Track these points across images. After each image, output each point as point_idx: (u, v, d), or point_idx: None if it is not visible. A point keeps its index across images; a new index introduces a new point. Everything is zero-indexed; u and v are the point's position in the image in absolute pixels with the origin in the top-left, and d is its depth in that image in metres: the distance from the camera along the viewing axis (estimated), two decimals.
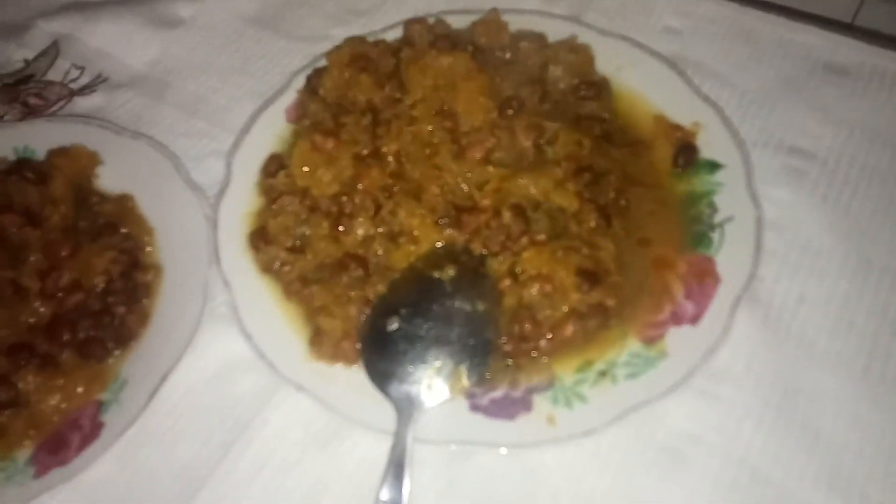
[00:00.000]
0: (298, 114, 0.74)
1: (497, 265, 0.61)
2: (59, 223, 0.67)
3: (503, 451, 0.56)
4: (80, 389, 0.60)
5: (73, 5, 0.92)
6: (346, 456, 0.59)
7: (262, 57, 0.86)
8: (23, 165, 0.69)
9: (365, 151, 0.67)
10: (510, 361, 0.59)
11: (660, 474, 0.56)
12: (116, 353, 0.62)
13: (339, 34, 0.85)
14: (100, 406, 0.59)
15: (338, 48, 0.73)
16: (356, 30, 0.84)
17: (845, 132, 0.73)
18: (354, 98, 0.70)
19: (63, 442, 0.58)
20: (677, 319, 0.60)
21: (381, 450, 0.57)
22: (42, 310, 0.63)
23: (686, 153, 0.69)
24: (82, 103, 0.83)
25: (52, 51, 0.88)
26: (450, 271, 0.61)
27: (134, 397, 0.59)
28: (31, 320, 0.63)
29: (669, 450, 0.57)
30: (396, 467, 0.53)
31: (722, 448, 0.57)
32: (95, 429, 0.58)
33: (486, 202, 0.63)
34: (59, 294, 0.63)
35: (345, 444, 0.59)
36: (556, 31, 0.77)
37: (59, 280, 0.63)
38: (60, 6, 0.92)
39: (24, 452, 0.58)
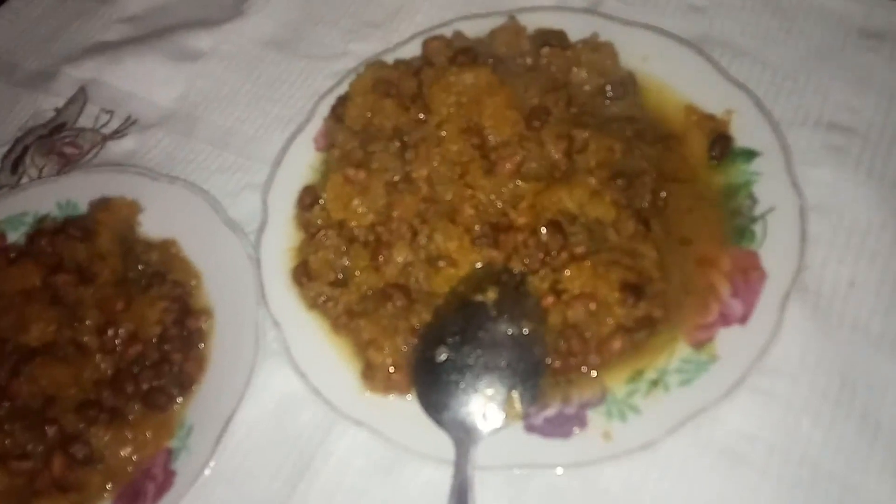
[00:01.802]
0: (327, 142, 0.74)
1: (538, 282, 0.61)
2: (110, 277, 0.69)
3: (559, 471, 0.56)
4: (149, 438, 0.62)
5: (96, 48, 0.93)
6: (410, 481, 0.60)
7: (284, 81, 0.86)
8: (68, 224, 0.72)
9: (396, 178, 0.67)
10: (560, 378, 0.59)
11: (720, 478, 0.57)
12: (179, 399, 0.64)
13: (358, 49, 0.85)
14: (170, 454, 0.62)
15: (359, 76, 0.73)
16: (374, 43, 0.85)
17: (885, 101, 0.70)
18: (380, 124, 0.70)
19: (139, 492, 0.61)
20: (726, 320, 0.60)
21: (444, 472, 0.58)
22: (103, 365, 0.65)
23: (720, 144, 0.67)
24: (115, 148, 0.85)
25: (81, 97, 0.90)
26: (492, 294, 0.61)
27: (202, 442, 0.62)
28: (95, 377, 0.65)
29: (728, 452, 0.57)
30: (460, 498, 0.54)
31: (781, 446, 0.57)
32: (168, 477, 0.61)
33: (522, 220, 0.63)
34: (119, 348, 0.65)
35: (408, 470, 0.60)
36: (575, 25, 0.76)
37: (117, 334, 0.66)
38: (83, 50, 0.94)
39: None
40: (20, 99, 0.92)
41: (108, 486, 0.61)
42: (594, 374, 0.59)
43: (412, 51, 0.78)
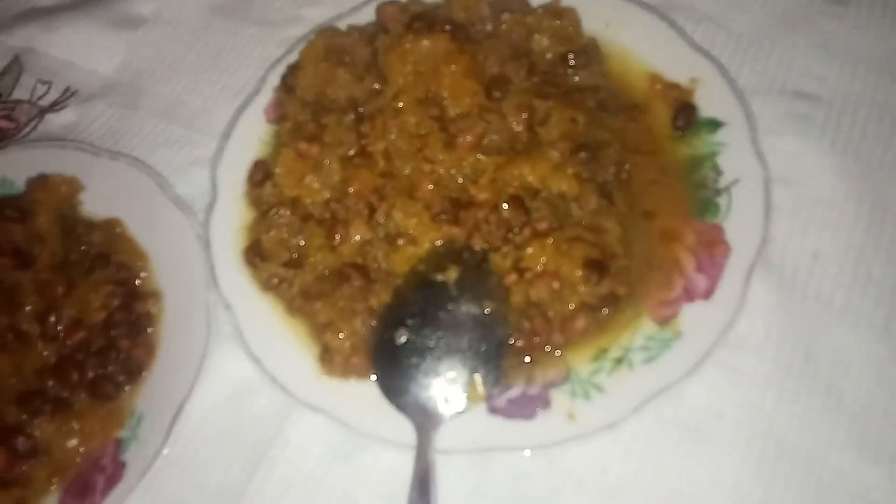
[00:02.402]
0: (278, 114, 0.71)
1: (500, 260, 0.59)
2: (49, 261, 0.65)
3: (526, 453, 0.55)
4: (96, 429, 0.60)
5: (29, 15, 0.88)
6: (371, 467, 0.59)
7: (233, 49, 0.82)
8: (3, 204, 0.67)
9: (352, 152, 0.64)
10: (523, 358, 0.58)
11: (685, 455, 0.56)
12: (127, 388, 0.62)
13: (310, 14, 0.82)
14: (119, 444, 0.59)
15: (310, 43, 0.69)
16: (327, 8, 0.81)
17: (849, 69, 0.70)
18: (334, 94, 0.67)
19: (88, 485, 0.58)
20: (690, 295, 0.59)
21: (405, 457, 0.56)
22: (46, 353, 0.62)
23: (685, 113, 0.66)
24: (54, 121, 0.81)
25: (15, 67, 0.85)
26: (452, 273, 0.59)
27: (152, 431, 0.59)
28: (37, 365, 0.62)
29: (693, 429, 0.57)
30: (421, 484, 0.52)
31: (746, 421, 0.57)
32: (118, 468, 0.58)
33: (483, 195, 0.60)
34: (61, 335, 0.62)
35: (368, 456, 0.59)
36: None
37: (59, 320, 0.62)
38: (15, 16, 0.88)
39: (51, 500, 0.58)
40: None
41: (55, 480, 0.59)
42: (558, 353, 0.58)
43: (367, 16, 0.75)
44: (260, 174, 0.68)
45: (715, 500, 0.55)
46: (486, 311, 0.57)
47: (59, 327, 0.62)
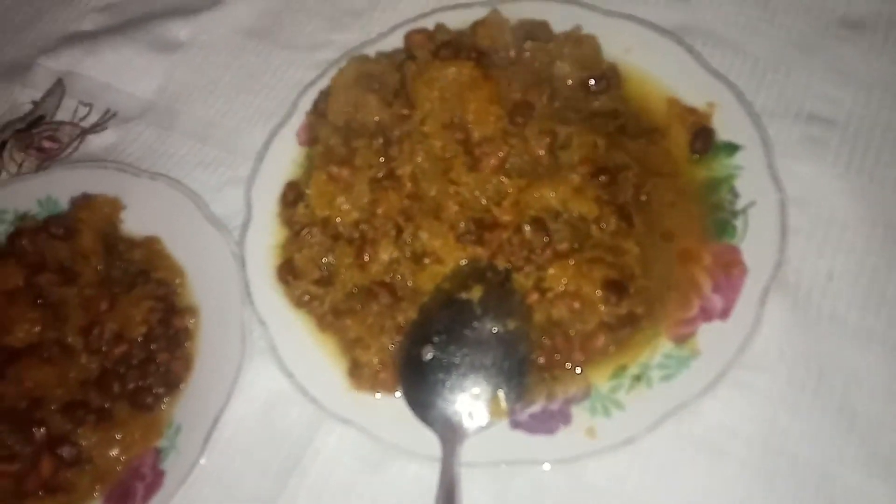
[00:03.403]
0: (310, 137, 0.74)
1: (523, 280, 0.62)
2: (93, 277, 0.68)
3: (546, 467, 0.57)
4: (137, 438, 0.63)
5: (72, 39, 0.92)
6: (398, 477, 0.61)
7: (265, 71, 0.85)
8: (49, 222, 0.71)
9: (380, 174, 0.67)
10: (545, 374, 0.60)
11: (701, 469, 0.58)
12: (166, 399, 0.65)
13: (339, 39, 0.84)
14: (159, 453, 0.62)
15: (341, 70, 0.72)
16: (355, 33, 0.84)
17: (864, 93, 0.71)
18: (363, 119, 0.70)
19: (128, 492, 0.61)
20: (707, 315, 0.61)
21: (430, 468, 0.59)
22: (90, 365, 0.65)
23: (702, 137, 0.68)
24: (95, 141, 0.84)
25: (58, 89, 0.89)
26: (477, 291, 0.62)
27: (190, 442, 0.62)
28: (81, 377, 0.65)
29: (709, 445, 0.59)
30: (447, 495, 0.55)
31: (760, 438, 0.58)
32: (158, 477, 0.61)
33: (506, 217, 0.63)
34: (104, 348, 0.65)
35: (395, 467, 0.61)
36: (556, 16, 0.76)
37: (102, 335, 0.66)
38: (59, 41, 0.92)
39: None
40: None
41: (97, 487, 0.62)
42: (578, 370, 0.60)
43: (394, 42, 0.78)
44: (292, 195, 0.71)
45: None
46: (510, 328, 0.60)
47: (102, 341, 0.65)
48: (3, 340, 0.66)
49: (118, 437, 0.63)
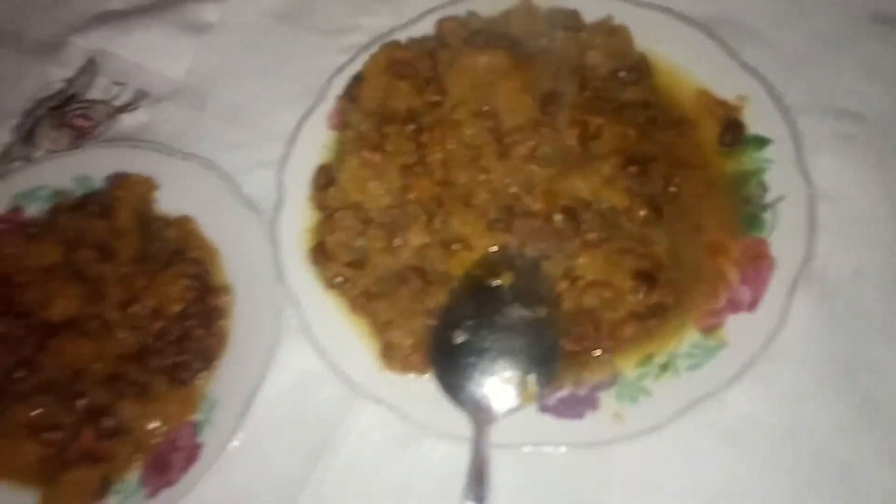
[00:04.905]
0: (340, 121, 0.75)
1: (552, 268, 0.63)
2: (130, 255, 0.70)
3: (574, 450, 0.59)
4: (174, 412, 0.64)
5: (103, 18, 0.92)
6: (427, 457, 0.63)
7: (294, 55, 0.86)
8: (87, 200, 0.72)
9: (411, 161, 0.68)
10: (573, 361, 0.61)
11: (725, 458, 0.59)
12: (203, 374, 0.66)
13: (368, 23, 0.85)
14: (195, 427, 0.64)
15: (373, 56, 0.73)
16: (384, 18, 0.84)
17: (894, 88, 0.71)
18: (394, 105, 0.70)
19: (167, 463, 0.63)
20: (734, 307, 0.62)
21: (459, 448, 0.60)
22: (127, 340, 0.67)
23: (733, 131, 0.68)
24: (127, 121, 0.85)
25: (90, 68, 0.90)
26: (507, 278, 0.63)
27: (225, 416, 0.63)
28: (120, 352, 0.66)
29: (733, 434, 0.60)
30: (478, 474, 0.56)
31: (784, 429, 0.60)
32: (195, 449, 0.63)
33: (537, 206, 0.64)
34: (142, 324, 0.67)
35: (424, 446, 0.63)
36: (587, 5, 0.76)
37: (140, 311, 0.67)
38: (90, 19, 0.93)
39: (133, 475, 0.63)
40: (28, 69, 0.91)
41: (137, 457, 0.63)
42: (606, 357, 0.61)
43: (424, 28, 0.78)
44: (324, 178, 0.72)
45: (750, 501, 0.58)
46: (539, 315, 0.61)
47: (140, 317, 0.67)
48: (44, 314, 0.67)
49: (156, 410, 0.64)
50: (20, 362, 0.66)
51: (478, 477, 0.56)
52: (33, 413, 0.64)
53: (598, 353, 0.61)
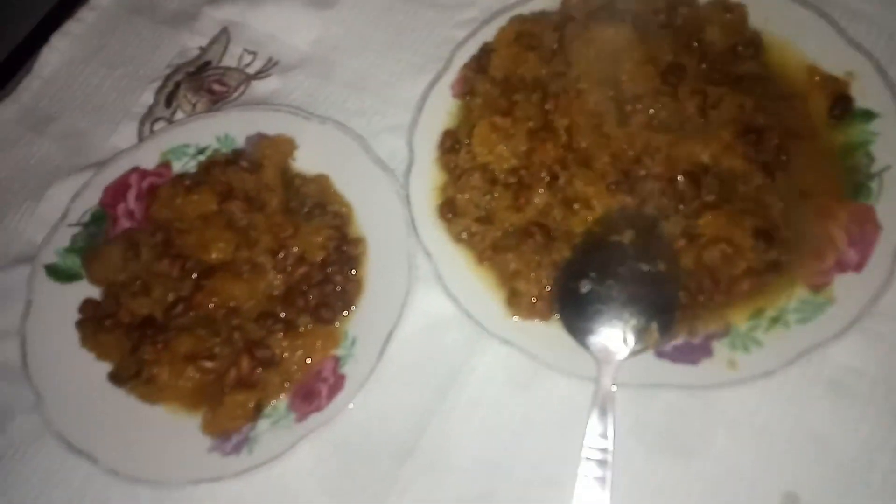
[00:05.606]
0: (464, 89, 0.81)
1: (670, 227, 0.68)
2: (277, 206, 0.77)
3: (688, 393, 0.64)
4: (318, 347, 0.72)
5: None
6: (547, 396, 0.69)
7: (413, 29, 0.92)
8: (238, 156, 0.80)
9: (537, 126, 0.73)
10: (687, 313, 0.67)
11: (828, 405, 0.64)
12: (343, 314, 0.73)
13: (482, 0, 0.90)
14: (338, 360, 0.71)
15: (503, 29, 0.79)
16: None
17: None
18: (522, 75, 0.76)
19: (313, 392, 0.70)
20: (842, 267, 0.66)
21: (577, 389, 0.66)
22: (276, 282, 0.74)
23: (841, 104, 0.72)
24: (259, 87, 0.93)
25: (224, 37, 0.97)
26: (628, 235, 0.68)
27: (366, 351, 0.71)
28: (270, 293, 0.74)
29: (836, 383, 0.65)
30: (601, 410, 0.62)
31: (885, 380, 0.64)
32: (339, 379, 0.70)
33: (657, 169, 0.69)
34: (289, 269, 0.74)
35: (545, 386, 0.69)
36: None
37: (288, 257, 0.74)
38: None
39: (282, 401, 0.71)
40: (164, 37, 0.99)
41: (286, 386, 0.71)
42: (720, 310, 0.66)
43: (543, 2, 0.83)
44: (449, 142, 0.78)
45: (850, 446, 0.63)
46: (660, 269, 0.66)
47: (287, 262, 0.74)
48: (201, 257, 0.75)
49: (302, 344, 0.71)
50: (179, 299, 0.74)
51: (601, 411, 0.62)
52: (192, 344, 0.72)
53: (711, 306, 0.66)
